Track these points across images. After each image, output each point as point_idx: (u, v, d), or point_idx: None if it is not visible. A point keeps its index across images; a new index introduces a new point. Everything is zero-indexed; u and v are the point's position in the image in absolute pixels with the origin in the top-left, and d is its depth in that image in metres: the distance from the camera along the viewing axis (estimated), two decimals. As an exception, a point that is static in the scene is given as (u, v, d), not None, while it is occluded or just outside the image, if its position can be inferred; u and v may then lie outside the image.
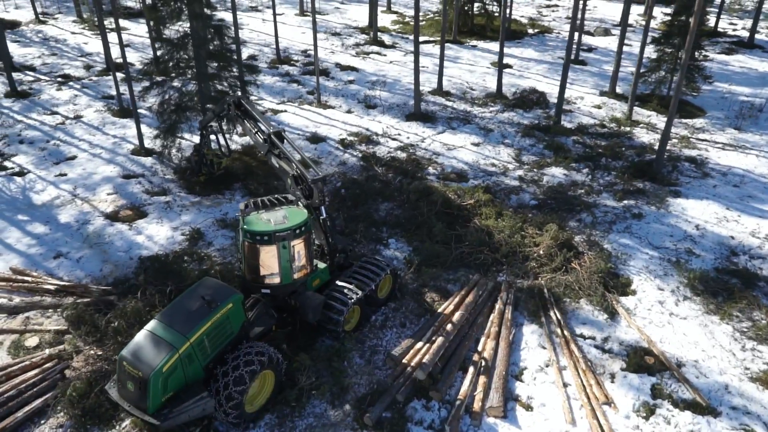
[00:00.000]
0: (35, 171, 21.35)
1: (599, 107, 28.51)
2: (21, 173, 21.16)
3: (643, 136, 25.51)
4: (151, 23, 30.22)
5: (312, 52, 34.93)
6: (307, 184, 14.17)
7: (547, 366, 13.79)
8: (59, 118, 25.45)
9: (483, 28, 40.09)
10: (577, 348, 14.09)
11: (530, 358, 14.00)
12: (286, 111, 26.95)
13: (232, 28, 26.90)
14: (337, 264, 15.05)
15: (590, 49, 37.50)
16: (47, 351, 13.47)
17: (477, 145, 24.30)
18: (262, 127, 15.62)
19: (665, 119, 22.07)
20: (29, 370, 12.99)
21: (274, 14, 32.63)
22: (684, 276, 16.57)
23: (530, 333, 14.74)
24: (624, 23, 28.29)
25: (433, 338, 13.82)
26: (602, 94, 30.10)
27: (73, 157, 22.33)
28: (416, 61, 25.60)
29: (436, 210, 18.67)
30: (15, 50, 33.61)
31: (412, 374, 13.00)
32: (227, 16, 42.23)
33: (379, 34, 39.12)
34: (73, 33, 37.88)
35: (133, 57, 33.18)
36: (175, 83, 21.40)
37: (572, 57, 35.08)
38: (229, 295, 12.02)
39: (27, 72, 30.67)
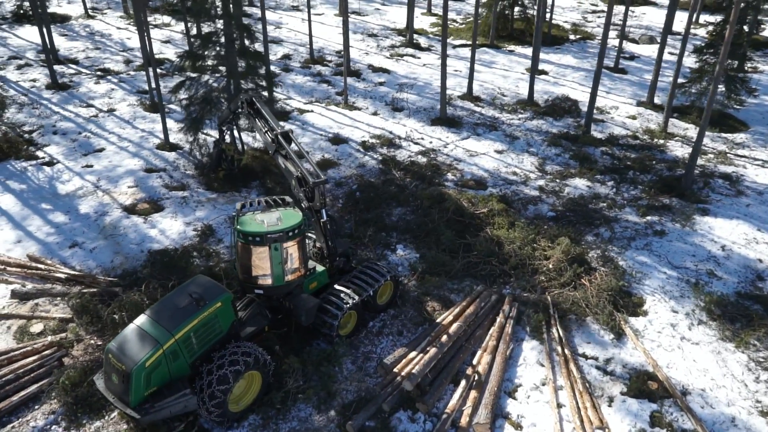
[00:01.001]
0: (64, 161, 22.05)
1: (634, 118, 27.57)
2: (50, 163, 21.90)
3: (677, 149, 24.51)
4: (188, 19, 30.80)
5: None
6: (308, 186, 14.14)
7: (543, 384, 13.36)
8: (93, 111, 26.23)
9: (522, 32, 39.35)
10: (576, 368, 13.60)
11: (526, 375, 13.59)
12: (312, 111, 27.06)
13: (264, 26, 27.20)
14: (338, 267, 14.97)
15: (632, 57, 36.33)
16: (49, 338, 13.85)
17: (500, 152, 23.83)
18: (273, 126, 15.69)
19: (701, 133, 21.13)
20: (30, 355, 13.38)
21: (309, 14, 32.83)
22: (701, 299, 15.80)
23: (530, 349, 14.32)
24: (666, 31, 27.24)
25: (427, 349, 13.57)
26: (639, 104, 29.09)
27: (101, 150, 22.96)
28: (443, 65, 25.31)
29: (447, 217, 18.38)
30: (62, 43, 34.86)
31: (400, 384, 12.81)
32: (270, 15, 42.96)
33: (415, 36, 38.89)
34: (118, 28, 39.01)
35: (170, 53, 33.92)
36: (206, 78, 21.69)
37: (611, 65, 34.15)
38: (218, 294, 12.08)
39: (70, 65, 31.74)
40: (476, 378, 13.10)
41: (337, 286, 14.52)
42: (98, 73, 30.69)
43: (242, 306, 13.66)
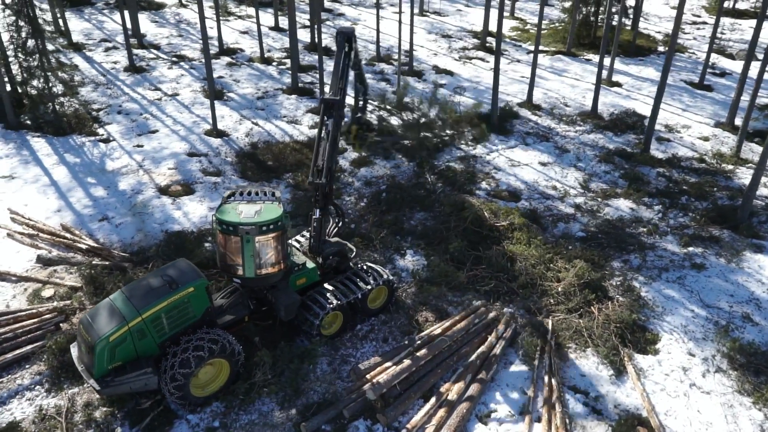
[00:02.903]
0: (119, 140, 23.40)
1: (706, 139, 25.35)
2: (107, 140, 23.31)
3: (746, 177, 22.24)
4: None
5: (414, 53, 34.80)
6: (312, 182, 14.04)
7: (520, 414, 12.56)
8: (159, 94, 27.65)
9: (606, 41, 37.19)
10: (560, 401, 12.65)
11: (505, 401, 12.83)
12: (362, 108, 27.00)
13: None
14: (330, 266, 14.79)
15: (722, 74, 33.43)
16: (54, 304, 14.72)
17: (545, 164, 22.69)
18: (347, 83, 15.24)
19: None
20: (33, 318, 14.29)
21: (378, 12, 32.83)
22: (725, 344, 14.23)
23: (517, 374, 13.50)
24: (752, 45, 24.80)
25: (403, 360, 13.14)
26: (717, 125, 26.71)
27: (155, 131, 24.16)
28: (496, 70, 24.47)
29: (463, 227, 17.72)
30: (151, 29, 37.07)
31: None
32: (350, 12, 43.49)
33: (490, 39, 37.91)
34: (206, 17, 40.86)
35: (246, 43, 35.12)
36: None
37: (696, 80, 31.63)
38: (192, 279, 12.28)
39: (152, 50, 33.67)
40: (448, 397, 12.53)
41: (326, 285, 14.40)
42: (173, 59, 32.33)
43: (226, 294, 13.86)
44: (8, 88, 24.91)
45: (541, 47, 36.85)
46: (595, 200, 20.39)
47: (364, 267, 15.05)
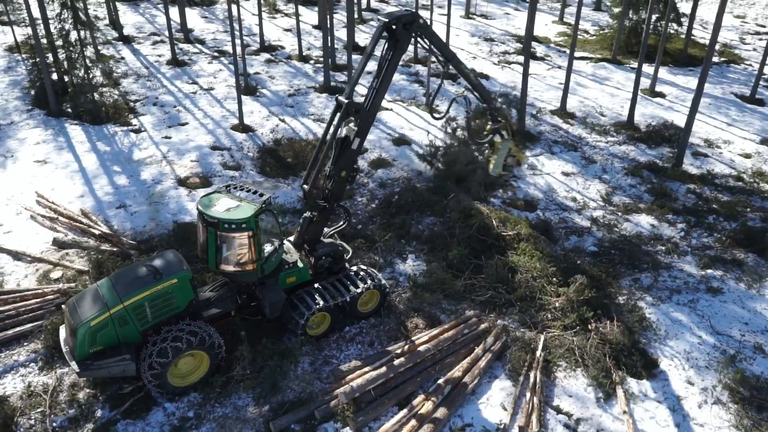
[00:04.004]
0: (150, 131, 24.16)
1: (748, 156, 23.99)
2: (138, 131, 24.12)
3: (786, 199, 20.95)
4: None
5: (452, 55, 34.41)
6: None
7: (496, 430, 12.21)
8: (195, 88, 28.40)
9: (655, 49, 35.78)
10: (538, 420, 12.23)
11: (482, 416, 12.50)
12: (391, 110, 26.98)
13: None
14: (322, 267, 14.77)
15: (778, 88, 31.57)
16: (60, 285, 15.34)
17: (567, 174, 22.00)
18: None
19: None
20: (38, 297, 14.93)
21: (431, 12, 32.57)
22: (728, 374, 13.40)
23: (500, 389, 13.13)
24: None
25: (381, 366, 13.01)
26: (763, 141, 25.25)
27: (185, 124, 24.82)
28: (525, 75, 23.89)
29: (468, 234, 17.38)
30: (199, 25, 38.13)
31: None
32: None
33: (534, 44, 37.09)
34: (253, 14, 41.73)
35: (287, 41, 35.62)
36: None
37: (747, 94, 29.98)
38: (176, 270, 12.51)
39: (197, 44, 34.63)
40: (423, 407, 12.31)
41: (316, 286, 14.42)
42: (215, 54, 33.14)
43: (215, 288, 14.08)
44: (54, 77, 26.23)
45: (586, 54, 35.87)
46: (614, 214, 19.61)
47: (358, 270, 14.98)
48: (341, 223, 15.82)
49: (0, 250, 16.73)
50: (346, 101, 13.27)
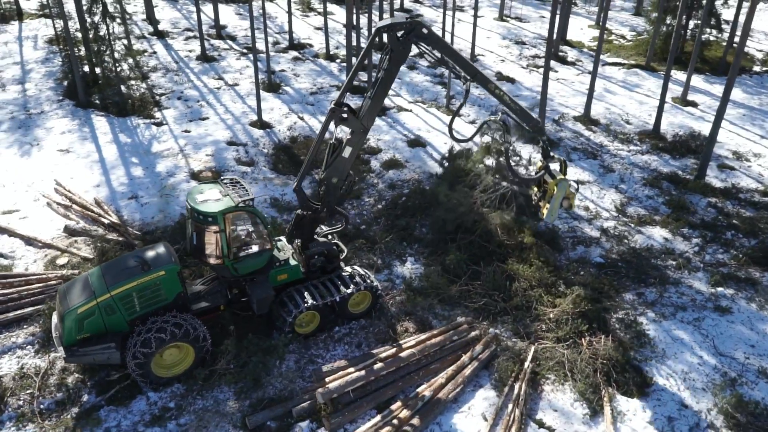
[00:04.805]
0: (171, 124, 24.67)
1: (779, 171, 22.96)
2: (159, 124, 24.65)
3: (814, 217, 19.93)
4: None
5: (479, 58, 34.06)
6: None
7: (473, 440, 12.01)
8: (220, 84, 28.87)
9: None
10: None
11: (461, 425, 12.30)
12: (410, 111, 26.85)
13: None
14: (315, 266, 14.78)
15: (821, 100, 30.09)
16: (63, 271, 15.79)
17: (582, 183, 21.45)
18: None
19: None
20: (42, 282, 15.41)
21: (444, 15, 32.37)
22: (724, 397, 12.83)
23: (482, 399, 12.90)
24: None
25: (365, 368, 12.94)
26: (798, 156, 24.12)
27: (206, 118, 25.25)
28: (545, 79, 23.40)
29: (469, 239, 17.11)
30: (233, 21, 38.74)
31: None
32: (429, 13, 43.25)
33: (566, 49, 36.38)
34: (287, 12, 42.15)
35: (317, 40, 35.84)
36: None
37: (787, 106, 28.69)
38: (164, 263, 12.71)
39: (228, 41, 35.20)
40: (401, 413, 12.19)
41: (307, 284, 14.45)
42: (244, 50, 33.60)
43: (206, 281, 14.26)
44: (86, 69, 27.06)
45: (619, 59, 34.96)
46: (627, 226, 19.03)
47: (352, 270, 14.94)
48: (338, 226, 15.84)
49: (13, 235, 17.36)
50: (332, 106, 13.21)
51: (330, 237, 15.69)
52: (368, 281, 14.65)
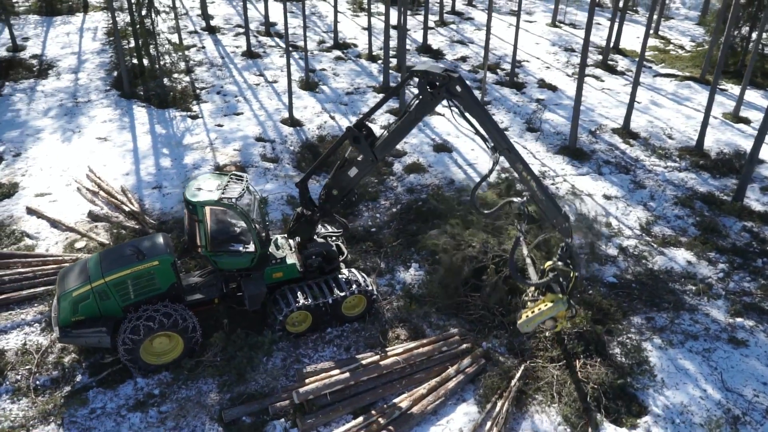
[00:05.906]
0: (206, 118, 25.35)
1: (830, 197, 21.37)
2: (195, 117, 25.37)
3: None
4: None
5: (524, 65, 33.35)
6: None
7: (446, 455, 11.78)
8: (260, 80, 29.44)
9: (755, 70, 32.67)
10: (492, 452, 11.65)
11: (436, 438, 12.09)
12: (443, 115, 26.55)
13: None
14: (312, 266, 14.85)
15: None
16: (79, 255, 16.50)
17: (609, 198, 20.64)
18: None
19: None
20: (57, 263, 16.15)
21: (489, 18, 31.86)
22: (721, 436, 12.08)
23: (463, 414, 12.63)
24: None
25: (347, 372, 12.90)
26: None
27: (240, 113, 25.80)
28: (579, 89, 22.67)
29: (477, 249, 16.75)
30: (282, 19, 39.34)
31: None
32: (480, 17, 42.66)
33: (618, 57, 35.11)
34: (338, 11, 42.57)
35: (362, 40, 35.99)
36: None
37: None
38: (159, 253, 13.06)
39: (275, 38, 35.86)
40: (377, 420, 12.09)
41: (301, 284, 14.54)
42: (288, 48, 34.08)
43: (204, 273, 14.57)
44: (135, 60, 28.18)
45: (673, 71, 33.48)
46: (649, 245, 18.18)
47: (349, 273, 14.92)
48: (338, 231, 15.95)
49: (41, 217, 18.28)
50: (350, 126, 13.32)
51: (332, 238, 15.76)
52: (363, 285, 14.59)
